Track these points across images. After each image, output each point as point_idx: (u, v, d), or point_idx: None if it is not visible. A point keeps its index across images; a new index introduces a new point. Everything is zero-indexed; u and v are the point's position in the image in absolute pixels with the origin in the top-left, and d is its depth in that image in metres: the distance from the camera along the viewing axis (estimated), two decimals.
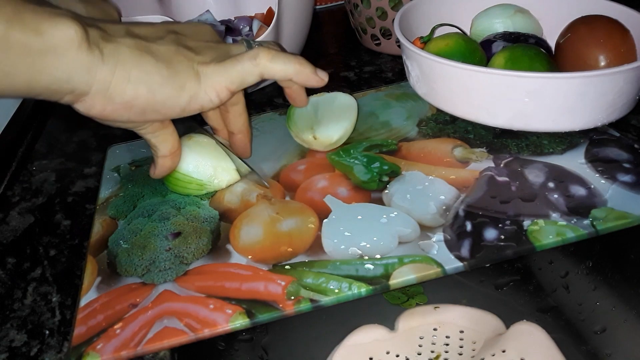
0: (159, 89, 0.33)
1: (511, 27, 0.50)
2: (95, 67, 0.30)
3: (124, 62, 0.31)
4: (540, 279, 0.44)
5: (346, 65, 0.64)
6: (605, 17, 0.44)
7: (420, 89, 0.46)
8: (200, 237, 0.37)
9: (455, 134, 0.44)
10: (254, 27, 0.61)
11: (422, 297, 0.43)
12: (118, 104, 0.32)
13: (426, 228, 0.35)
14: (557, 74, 0.37)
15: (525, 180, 0.38)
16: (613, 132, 0.42)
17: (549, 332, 0.36)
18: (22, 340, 0.33)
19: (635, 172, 0.37)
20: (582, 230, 0.33)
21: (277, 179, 0.42)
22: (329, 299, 0.31)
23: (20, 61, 0.28)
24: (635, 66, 0.36)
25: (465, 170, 0.40)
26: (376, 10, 0.61)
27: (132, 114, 0.33)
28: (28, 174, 0.50)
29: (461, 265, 0.32)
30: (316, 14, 0.78)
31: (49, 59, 0.29)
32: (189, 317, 0.31)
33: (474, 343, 0.38)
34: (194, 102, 0.34)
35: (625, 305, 0.38)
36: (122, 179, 0.45)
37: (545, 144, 0.41)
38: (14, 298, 0.36)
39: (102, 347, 0.30)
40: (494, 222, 0.34)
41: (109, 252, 0.37)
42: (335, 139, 0.43)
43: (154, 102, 0.33)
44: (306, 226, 0.36)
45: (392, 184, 0.39)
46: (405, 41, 0.44)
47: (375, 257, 0.33)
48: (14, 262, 0.39)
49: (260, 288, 0.32)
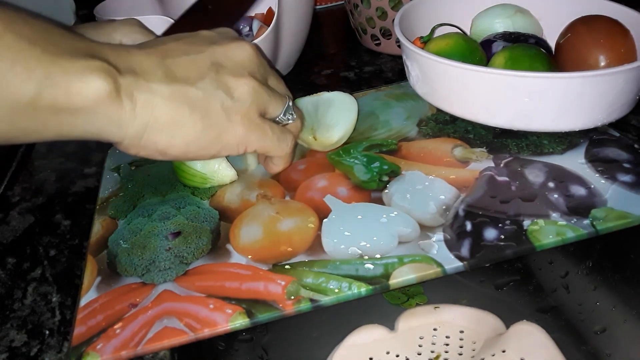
0: (193, 142, 0.33)
1: (511, 27, 0.50)
2: (126, 122, 0.30)
3: (158, 116, 0.31)
4: (540, 279, 0.44)
5: (346, 65, 0.64)
6: (605, 17, 0.44)
7: (420, 88, 0.46)
8: (200, 236, 0.37)
9: (455, 134, 0.44)
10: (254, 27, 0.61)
11: (422, 297, 0.43)
12: (152, 151, 0.33)
13: (426, 228, 0.35)
14: (557, 74, 0.37)
15: (525, 180, 0.38)
16: (613, 132, 0.42)
17: (549, 332, 0.36)
18: (22, 340, 0.33)
19: (635, 172, 0.37)
20: (582, 230, 0.33)
21: (277, 178, 0.42)
22: (329, 298, 0.31)
23: (51, 120, 0.28)
24: (635, 66, 0.36)
25: (465, 170, 0.40)
26: (376, 10, 0.61)
27: (166, 157, 0.34)
28: (28, 174, 0.50)
29: (461, 265, 0.32)
30: (316, 14, 0.78)
31: (80, 117, 0.29)
32: (189, 317, 0.31)
33: (474, 343, 0.38)
34: (224, 151, 0.35)
35: (625, 305, 0.38)
36: (122, 179, 0.45)
37: (545, 144, 0.41)
38: (14, 298, 0.36)
39: (102, 347, 0.30)
40: (494, 222, 0.34)
41: (109, 252, 0.37)
42: (335, 140, 0.43)
43: (186, 152, 0.34)
44: (306, 226, 0.36)
45: (392, 183, 0.39)
46: (405, 41, 0.44)
47: (375, 256, 0.33)
48: (14, 262, 0.39)
49: (260, 288, 0.32)
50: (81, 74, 0.28)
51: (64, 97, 0.27)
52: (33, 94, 0.26)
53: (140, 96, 0.30)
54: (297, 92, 0.59)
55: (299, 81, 0.61)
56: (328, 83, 0.60)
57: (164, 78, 0.32)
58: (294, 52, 0.60)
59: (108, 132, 0.30)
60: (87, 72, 0.28)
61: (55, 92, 0.27)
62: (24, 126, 0.28)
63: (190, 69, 0.33)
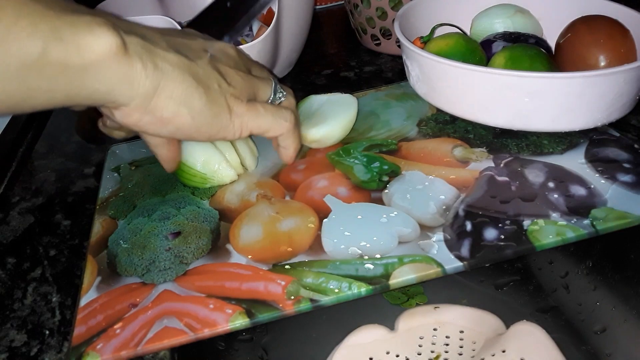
0: (198, 114, 0.33)
1: (511, 27, 0.50)
2: (138, 81, 0.30)
3: (168, 79, 0.31)
4: (540, 279, 0.44)
5: (346, 65, 0.64)
6: (605, 17, 0.44)
7: (420, 88, 0.46)
8: (200, 236, 0.37)
9: (455, 134, 0.44)
10: (254, 27, 0.61)
11: (422, 297, 0.43)
12: (156, 118, 0.32)
13: (426, 228, 0.35)
14: (557, 74, 0.37)
15: (525, 180, 0.38)
16: (613, 132, 0.42)
17: (549, 332, 0.36)
18: (22, 340, 0.33)
19: (635, 172, 0.37)
20: (582, 230, 0.33)
21: (277, 178, 0.42)
22: (329, 298, 0.31)
23: (60, 77, 0.27)
24: (635, 66, 0.36)
25: (465, 170, 0.40)
26: (376, 10, 0.61)
27: (165, 130, 0.33)
28: (28, 174, 0.50)
29: (461, 265, 0.32)
30: (316, 14, 0.78)
31: (90, 73, 0.28)
32: (189, 317, 0.31)
33: (474, 343, 0.38)
34: (222, 133, 0.35)
35: (625, 305, 0.38)
36: (122, 179, 0.45)
37: (545, 144, 0.41)
38: (14, 298, 0.36)
39: (102, 347, 0.30)
40: (494, 222, 0.34)
41: (108, 252, 0.37)
42: (335, 139, 0.43)
43: (190, 125, 0.33)
44: (306, 226, 0.36)
45: (392, 183, 0.39)
46: (405, 41, 0.44)
47: (375, 256, 0.33)
48: (14, 262, 0.39)
49: (260, 288, 0.32)
50: (89, 27, 0.27)
51: (73, 52, 0.27)
52: (41, 49, 0.26)
53: (150, 57, 0.30)
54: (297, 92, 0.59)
55: (299, 81, 0.61)
56: (328, 83, 0.60)
57: (167, 47, 0.32)
58: (294, 52, 0.60)
59: (118, 91, 0.29)
60: (95, 26, 0.27)
61: (64, 47, 0.26)
62: (33, 85, 0.27)
63: (187, 49, 0.34)
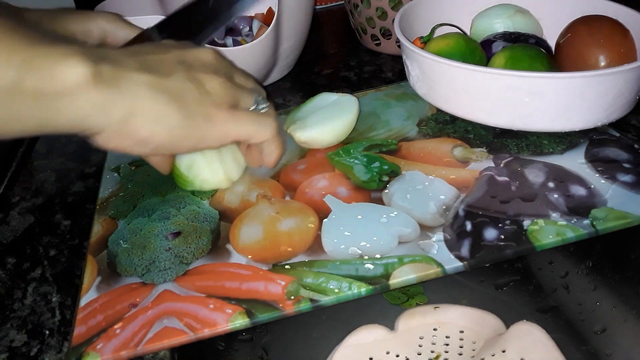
0: (174, 130, 0.33)
1: (511, 27, 0.50)
2: (110, 106, 0.30)
3: (140, 101, 0.31)
4: (540, 279, 0.44)
5: (346, 65, 0.64)
6: (605, 17, 0.44)
7: (420, 89, 0.46)
8: (200, 236, 0.37)
9: (455, 134, 0.44)
10: (254, 27, 0.61)
11: (422, 297, 0.43)
12: (135, 140, 0.32)
13: (426, 228, 0.35)
14: (557, 74, 0.37)
15: (525, 180, 0.38)
16: (613, 132, 0.42)
17: (549, 332, 0.36)
18: (22, 340, 0.33)
19: (635, 172, 0.37)
20: (582, 230, 0.33)
21: (277, 178, 0.42)
22: (329, 298, 0.31)
23: (33, 106, 0.27)
24: (635, 66, 0.36)
25: (465, 170, 0.40)
26: (376, 10, 0.61)
27: (147, 149, 0.33)
28: (28, 174, 0.50)
29: (461, 265, 0.32)
30: (316, 14, 0.78)
31: (63, 102, 0.28)
32: (189, 317, 0.31)
33: (474, 343, 0.38)
34: (204, 142, 0.35)
35: (625, 305, 0.38)
36: (122, 179, 0.45)
37: (545, 144, 0.41)
38: (14, 298, 0.36)
39: (102, 347, 0.30)
40: (494, 222, 0.34)
41: (109, 252, 0.37)
42: (334, 139, 0.43)
43: (169, 141, 0.33)
44: (306, 226, 0.36)
45: (392, 183, 0.39)
46: (405, 41, 0.44)
47: (375, 256, 0.33)
48: (14, 262, 0.39)
49: (260, 288, 0.32)
50: (63, 57, 0.28)
51: (46, 81, 0.27)
52: (14, 78, 0.26)
53: (121, 83, 0.30)
54: (297, 92, 0.59)
55: (299, 81, 0.61)
56: (328, 83, 0.60)
57: (139, 69, 0.32)
58: (294, 52, 0.60)
59: (92, 119, 0.30)
60: (68, 55, 0.28)
61: (38, 76, 0.27)
62: (5, 113, 0.27)
63: (160, 65, 0.34)
